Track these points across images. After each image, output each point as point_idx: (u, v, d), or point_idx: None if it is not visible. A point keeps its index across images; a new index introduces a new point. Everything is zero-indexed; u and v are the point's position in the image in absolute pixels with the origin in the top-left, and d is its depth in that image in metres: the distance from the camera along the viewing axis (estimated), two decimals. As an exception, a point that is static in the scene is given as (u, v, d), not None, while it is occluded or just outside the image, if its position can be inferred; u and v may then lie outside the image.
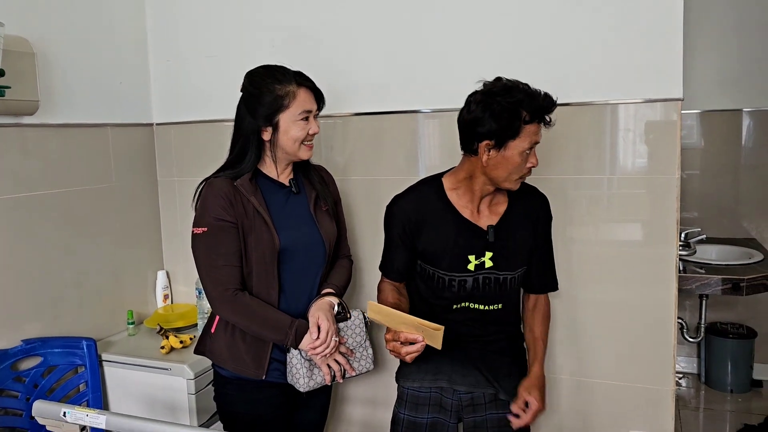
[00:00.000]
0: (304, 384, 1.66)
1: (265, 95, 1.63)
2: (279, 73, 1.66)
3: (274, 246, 1.65)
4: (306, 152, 1.70)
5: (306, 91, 1.66)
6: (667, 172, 1.91)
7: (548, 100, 1.56)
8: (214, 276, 1.64)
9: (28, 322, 2.07)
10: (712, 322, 3.52)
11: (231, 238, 1.64)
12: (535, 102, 1.54)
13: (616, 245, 2.02)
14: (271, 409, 1.75)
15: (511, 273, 1.68)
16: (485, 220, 1.68)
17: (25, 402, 1.99)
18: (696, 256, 3.00)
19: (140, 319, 2.51)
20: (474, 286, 1.67)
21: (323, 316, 1.64)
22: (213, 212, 1.63)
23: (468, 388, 1.72)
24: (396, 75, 2.20)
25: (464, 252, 1.65)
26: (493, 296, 1.69)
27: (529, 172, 1.62)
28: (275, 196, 1.72)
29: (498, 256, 1.66)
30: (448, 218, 1.67)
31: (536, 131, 1.57)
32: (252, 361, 1.70)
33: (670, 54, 1.86)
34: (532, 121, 1.54)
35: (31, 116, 2.05)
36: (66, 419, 1.35)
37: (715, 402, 3.46)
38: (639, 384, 2.03)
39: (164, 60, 2.55)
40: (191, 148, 2.54)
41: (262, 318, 1.64)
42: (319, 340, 1.62)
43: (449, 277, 1.67)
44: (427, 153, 2.20)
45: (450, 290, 1.68)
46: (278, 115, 1.64)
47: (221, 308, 1.66)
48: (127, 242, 2.48)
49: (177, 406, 2.11)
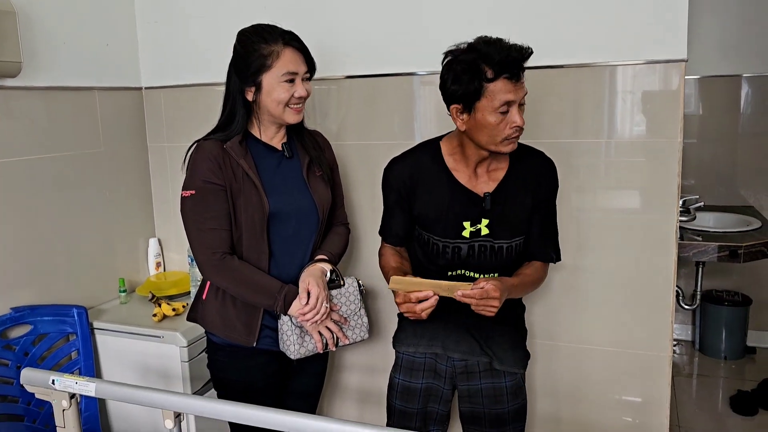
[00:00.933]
0: (294, 351, 1.64)
1: (250, 54, 1.60)
2: (266, 32, 1.61)
3: (264, 210, 1.62)
4: (292, 116, 1.65)
5: (293, 51, 1.61)
6: (669, 136, 1.87)
7: (513, 53, 1.44)
8: (202, 239, 1.61)
9: (17, 289, 2.04)
10: (708, 289, 3.53)
11: (220, 201, 1.61)
12: (497, 56, 1.43)
13: (614, 212, 1.99)
14: (263, 377, 1.73)
15: (507, 241, 1.62)
16: (482, 186, 1.61)
17: (15, 370, 1.96)
18: (693, 224, 2.99)
19: (132, 287, 2.48)
20: (469, 253, 1.62)
21: (314, 281, 1.61)
22: (201, 175, 1.60)
23: (462, 356, 1.69)
24: (390, 36, 2.13)
25: (459, 218, 1.61)
26: (489, 264, 1.64)
27: (515, 133, 1.50)
28: (266, 160, 1.68)
29: (495, 223, 1.61)
30: (443, 183, 1.62)
31: (507, 88, 1.45)
32: (243, 328, 1.68)
33: (674, 13, 1.81)
34: (497, 78, 1.44)
35: (14, 78, 1.98)
36: (55, 387, 1.32)
37: (709, 369, 3.48)
38: (635, 350, 2.02)
39: (152, 21, 2.47)
40: (182, 113, 2.48)
41: (251, 282, 1.62)
42: (308, 306, 1.59)
43: (443, 243, 1.63)
44: (423, 117, 2.15)
45: (444, 257, 1.64)
46: (261, 75, 1.60)
47: (209, 272, 1.64)
48: (118, 209, 2.43)
49: (170, 374, 2.10)
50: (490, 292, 1.45)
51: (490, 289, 1.45)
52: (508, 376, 1.68)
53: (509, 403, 1.69)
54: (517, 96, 1.47)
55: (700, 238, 2.83)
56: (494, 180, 1.62)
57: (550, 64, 1.94)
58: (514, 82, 1.46)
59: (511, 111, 1.48)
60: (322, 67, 2.17)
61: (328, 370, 1.99)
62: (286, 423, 1.18)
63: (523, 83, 1.48)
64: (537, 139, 1.91)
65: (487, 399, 1.69)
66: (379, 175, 1.72)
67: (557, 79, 1.96)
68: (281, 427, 1.18)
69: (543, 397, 2.16)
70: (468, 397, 1.71)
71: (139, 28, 2.49)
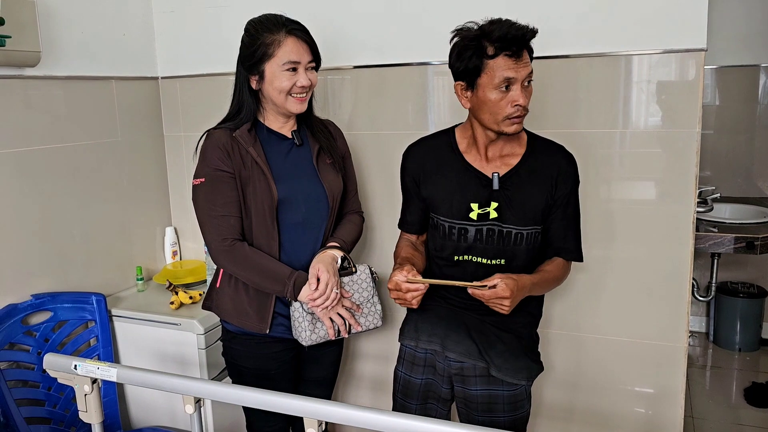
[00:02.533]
0: (306, 338, 1.66)
1: (254, 43, 1.62)
2: (271, 21, 1.63)
3: (273, 197, 1.64)
4: (295, 105, 1.65)
5: (296, 41, 1.61)
6: (687, 127, 1.85)
7: (514, 30, 1.44)
8: (212, 226, 1.64)
9: (38, 277, 2.07)
10: (723, 281, 3.51)
11: (229, 188, 1.63)
12: (497, 33, 1.43)
13: (631, 202, 1.98)
14: (276, 364, 1.75)
15: (516, 227, 1.58)
16: (494, 169, 1.60)
17: (36, 356, 2.00)
18: (710, 215, 2.97)
19: (149, 275, 2.51)
20: (476, 237, 1.59)
21: (323, 267, 1.62)
22: (211, 163, 1.63)
23: (458, 357, 1.64)
24: (404, 26, 2.12)
25: (466, 199, 1.59)
26: (496, 250, 1.60)
27: (517, 112, 1.49)
28: (276, 148, 1.70)
29: (504, 207, 1.58)
30: (454, 165, 1.63)
31: (507, 65, 1.45)
32: (255, 315, 1.69)
33: (694, 1, 1.78)
34: (497, 54, 1.44)
35: (33, 68, 2.00)
36: (77, 372, 1.35)
37: (723, 360, 3.46)
38: (650, 341, 2.02)
39: (168, 11, 2.48)
40: (198, 102, 2.49)
41: (261, 268, 1.64)
42: (318, 292, 1.60)
43: (449, 224, 1.61)
44: (438, 107, 2.15)
45: (450, 239, 1.62)
46: (263, 64, 1.61)
47: (220, 258, 1.66)
48: (135, 198, 2.46)
49: (187, 361, 2.12)
50: (499, 293, 1.43)
51: (499, 290, 1.43)
52: (506, 384, 1.62)
53: (505, 413, 1.63)
54: (518, 74, 1.46)
55: (716, 230, 2.81)
56: (507, 165, 1.61)
57: (566, 53, 1.94)
58: (515, 60, 1.45)
59: (512, 89, 1.48)
60: (336, 57, 2.19)
61: (342, 359, 2.00)
62: (302, 408, 1.19)
63: (526, 62, 1.48)
64: (552, 129, 1.90)
65: (481, 406, 1.64)
66: (392, 164, 1.73)
67: (573, 68, 1.95)
68: (297, 412, 1.19)
69: (556, 386, 2.16)
70: (464, 400, 1.67)
71: (155, 18, 2.50)
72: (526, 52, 1.47)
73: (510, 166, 1.60)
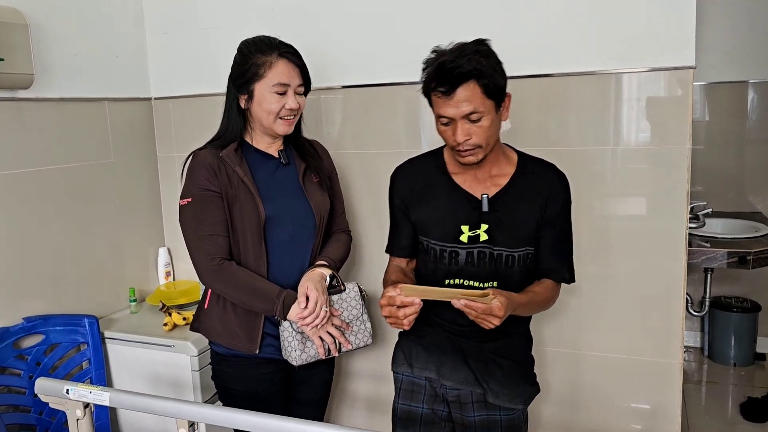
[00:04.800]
0: (296, 357, 1.64)
1: (246, 63, 1.63)
2: (264, 43, 1.64)
3: (260, 215, 1.64)
4: (282, 127, 1.66)
5: (286, 63, 1.62)
6: (677, 143, 1.87)
7: (445, 69, 1.38)
8: (200, 246, 1.63)
9: (29, 299, 2.05)
10: (717, 296, 3.51)
11: (216, 208, 1.63)
12: (430, 70, 1.42)
13: (623, 218, 1.99)
14: (267, 386, 1.74)
15: (507, 250, 1.54)
16: (483, 191, 1.56)
17: (27, 380, 1.97)
18: (702, 230, 2.98)
19: (142, 296, 2.49)
20: (467, 260, 1.55)
21: (312, 286, 1.61)
22: (197, 182, 1.63)
23: (455, 384, 1.60)
24: (395, 46, 2.14)
25: (457, 221, 1.55)
26: (489, 273, 1.55)
27: (462, 147, 1.45)
28: (263, 167, 1.70)
29: (494, 229, 1.53)
30: (443, 187, 1.59)
31: (440, 102, 1.42)
32: (244, 335, 1.69)
33: (682, 20, 1.81)
34: (434, 90, 1.42)
35: (27, 90, 2.00)
36: (69, 396, 1.33)
37: (719, 375, 3.46)
38: (645, 357, 2.02)
39: (161, 32, 2.49)
40: (190, 123, 2.49)
41: (250, 287, 1.63)
42: (308, 310, 1.59)
43: (440, 247, 1.57)
44: (430, 125, 2.15)
45: (441, 262, 1.58)
46: (253, 84, 1.62)
47: (208, 278, 1.65)
48: (128, 219, 2.45)
49: (181, 383, 2.10)
50: (494, 311, 1.36)
51: (495, 308, 1.36)
52: (503, 410, 1.59)
53: None
54: (455, 113, 1.41)
55: (708, 245, 2.82)
56: (497, 186, 1.57)
57: (556, 72, 1.96)
58: (446, 98, 1.41)
59: (452, 125, 1.44)
60: (329, 77, 2.20)
61: (335, 379, 1.99)
62: (296, 430, 1.18)
63: (466, 100, 1.40)
64: (543, 147, 1.92)
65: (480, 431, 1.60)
66: (381, 183, 1.72)
67: (564, 86, 1.97)
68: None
69: (552, 404, 2.16)
70: (462, 426, 1.63)
71: (148, 40, 2.52)
72: (469, 88, 1.39)
73: (499, 186, 1.56)
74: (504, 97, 1.47)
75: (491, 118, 1.44)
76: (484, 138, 1.45)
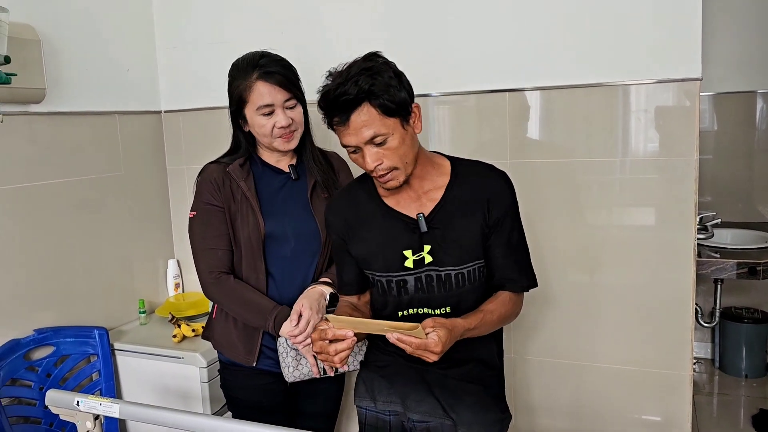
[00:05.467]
0: (289, 374, 1.64)
1: (232, 89, 1.65)
2: (242, 65, 1.64)
3: (260, 230, 1.65)
4: (282, 144, 1.65)
5: (265, 84, 1.59)
6: (685, 154, 1.87)
7: (331, 99, 1.30)
8: (202, 258, 1.68)
9: (40, 311, 2.07)
10: (727, 307, 3.48)
11: (218, 222, 1.66)
12: (321, 100, 1.33)
13: (631, 229, 1.99)
14: (267, 397, 1.75)
15: (454, 268, 1.41)
16: (417, 209, 1.43)
17: (38, 391, 1.98)
18: (711, 240, 2.97)
19: (152, 308, 2.50)
20: (417, 286, 1.43)
21: (307, 304, 1.59)
22: (202, 197, 1.68)
23: (422, 417, 1.48)
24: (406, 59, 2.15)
25: (398, 247, 1.43)
26: (440, 297, 1.43)
27: (378, 174, 1.36)
28: (269, 181, 1.72)
29: (437, 249, 1.41)
30: (375, 212, 1.47)
31: (340, 130, 1.32)
32: (243, 347, 1.71)
33: (688, 32, 1.81)
34: (329, 119, 1.34)
35: (39, 104, 2.03)
36: (79, 408, 1.34)
37: (730, 387, 3.42)
38: (655, 369, 2.00)
39: (171, 47, 2.52)
40: (200, 136, 2.52)
41: (245, 301, 1.65)
42: (298, 329, 1.57)
43: (386, 278, 1.45)
44: (438, 137, 2.16)
45: (390, 294, 1.46)
46: (243, 109, 1.64)
47: (208, 290, 1.69)
48: (138, 231, 2.47)
49: (190, 395, 2.11)
50: (430, 346, 1.24)
51: (430, 344, 1.23)
52: None
53: None
54: (357, 140, 1.31)
55: (718, 255, 2.81)
56: (432, 200, 1.44)
57: (566, 84, 1.96)
58: (344, 127, 1.31)
59: (360, 153, 1.35)
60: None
61: (344, 392, 1.98)
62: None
63: (364, 124, 1.29)
64: (551, 158, 1.92)
65: None
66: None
67: (572, 98, 1.97)
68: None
69: (561, 417, 2.14)
70: None
71: (158, 54, 2.55)
72: (363, 112, 1.29)
73: (435, 201, 1.43)
74: (409, 110, 1.36)
75: (399, 136, 1.33)
76: (397, 158, 1.34)
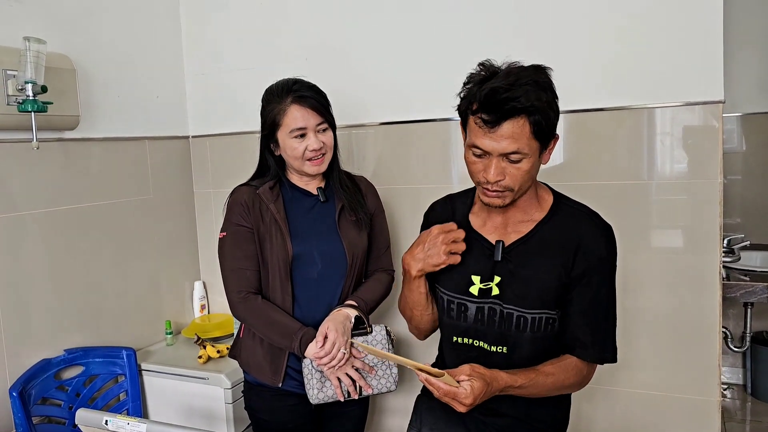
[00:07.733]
0: (314, 396, 1.64)
1: (266, 114, 1.69)
2: (277, 90, 1.68)
3: (287, 252, 1.68)
4: (311, 168, 1.69)
5: (299, 108, 1.64)
6: (709, 177, 1.86)
7: (496, 94, 1.16)
8: (231, 278, 1.71)
9: (71, 332, 2.12)
10: (758, 331, 3.41)
11: (247, 243, 1.69)
12: (480, 90, 1.20)
13: (656, 252, 1.97)
14: (293, 417, 1.75)
15: (518, 309, 1.31)
16: (501, 236, 1.36)
17: (68, 410, 2.02)
18: (740, 263, 2.91)
19: (178, 329, 2.54)
20: (477, 317, 1.36)
21: (333, 326, 1.61)
22: (232, 218, 1.71)
23: None
24: (426, 83, 2.18)
25: (468, 270, 1.37)
26: (497, 335, 1.35)
27: (487, 185, 1.26)
28: (299, 204, 1.74)
29: (506, 283, 1.33)
30: (461, 227, 1.38)
31: (477, 131, 1.21)
32: (269, 367, 1.72)
33: (710, 55, 1.82)
34: (476, 114, 1.21)
35: (72, 131, 2.10)
36: (108, 427, 1.36)
37: (763, 414, 3.33)
38: (682, 395, 1.97)
39: (199, 74, 2.59)
40: (226, 160, 2.57)
41: (272, 321, 1.67)
42: (324, 350, 1.58)
43: (448, 297, 1.40)
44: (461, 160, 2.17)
45: (449, 315, 1.41)
46: (276, 133, 1.68)
47: (235, 309, 1.71)
48: (165, 254, 2.52)
49: (215, 415, 2.13)
50: (459, 396, 1.18)
51: (460, 394, 1.18)
52: None
53: None
54: (494, 147, 1.20)
55: (747, 278, 2.76)
56: (518, 232, 1.35)
57: (592, 107, 1.98)
58: (489, 128, 1.19)
59: (485, 159, 1.24)
60: (362, 114, 2.25)
61: (369, 414, 1.98)
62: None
63: (508, 136, 1.19)
64: (577, 181, 1.92)
65: None
66: (418, 219, 1.73)
67: (598, 121, 1.98)
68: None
69: (587, 443, 2.12)
70: None
71: (187, 81, 2.62)
72: (518, 124, 1.19)
73: (521, 233, 1.35)
74: (552, 139, 1.27)
75: (532, 161, 1.23)
76: (519, 182, 1.25)
